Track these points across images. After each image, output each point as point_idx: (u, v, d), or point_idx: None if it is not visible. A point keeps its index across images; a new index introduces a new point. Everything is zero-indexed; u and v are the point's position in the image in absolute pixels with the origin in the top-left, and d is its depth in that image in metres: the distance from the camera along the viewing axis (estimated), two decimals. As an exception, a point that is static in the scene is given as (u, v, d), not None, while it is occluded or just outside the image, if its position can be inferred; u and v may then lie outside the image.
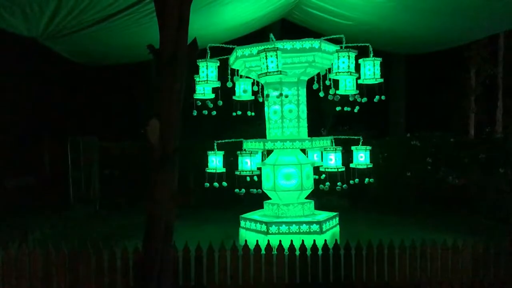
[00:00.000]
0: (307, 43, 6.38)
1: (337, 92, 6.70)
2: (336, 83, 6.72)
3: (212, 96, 7.09)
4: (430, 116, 15.78)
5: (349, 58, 6.10)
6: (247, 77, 7.32)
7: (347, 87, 6.84)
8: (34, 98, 12.40)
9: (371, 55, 6.59)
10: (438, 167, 10.33)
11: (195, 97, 7.02)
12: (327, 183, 6.73)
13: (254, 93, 7.03)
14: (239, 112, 7.36)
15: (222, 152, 6.93)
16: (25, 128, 11.95)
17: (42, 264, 5.06)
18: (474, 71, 15.28)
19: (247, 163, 6.46)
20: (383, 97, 6.52)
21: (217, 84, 6.82)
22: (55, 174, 11.45)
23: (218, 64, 6.82)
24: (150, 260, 4.36)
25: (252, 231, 6.85)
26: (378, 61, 6.56)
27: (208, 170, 6.84)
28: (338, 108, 6.93)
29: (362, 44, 6.45)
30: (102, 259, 5.10)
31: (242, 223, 7.11)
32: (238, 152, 6.61)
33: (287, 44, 6.38)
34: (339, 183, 6.59)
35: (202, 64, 6.71)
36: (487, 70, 15.06)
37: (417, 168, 10.32)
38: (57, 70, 12.33)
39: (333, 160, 6.64)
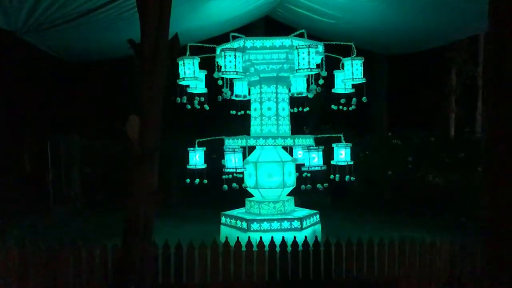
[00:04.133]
0: (277, 41, 6.42)
1: (333, 90, 6.77)
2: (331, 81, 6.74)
3: (205, 90, 7.04)
4: (412, 115, 15.96)
5: (309, 54, 6.08)
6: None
7: (343, 86, 6.91)
8: (14, 95, 12.17)
9: (354, 54, 6.62)
10: (418, 166, 10.45)
11: (188, 91, 6.93)
12: (308, 185, 6.75)
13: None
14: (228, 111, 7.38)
15: (203, 149, 6.90)
16: (4, 126, 11.71)
17: (19, 262, 4.97)
18: (455, 71, 15.49)
19: (231, 160, 6.46)
20: (364, 99, 6.56)
21: (194, 80, 6.73)
22: (35, 173, 11.26)
23: (199, 61, 6.74)
24: (130, 258, 4.32)
25: (233, 228, 6.85)
26: (360, 61, 6.59)
27: (188, 167, 6.83)
28: (334, 107, 6.95)
29: (346, 43, 6.49)
30: (81, 257, 5.04)
31: (223, 219, 7.11)
32: (225, 148, 6.60)
33: (257, 42, 6.39)
34: (318, 185, 6.62)
35: (187, 61, 6.61)
36: (468, 71, 15.28)
37: (398, 167, 10.43)
38: (38, 66, 12.12)
39: (315, 159, 6.66)
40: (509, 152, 3.06)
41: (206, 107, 7.05)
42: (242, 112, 7.48)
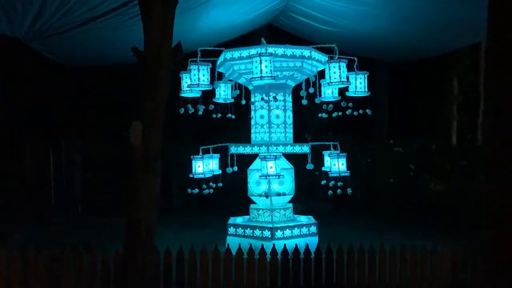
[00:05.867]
0: (297, 50, 6.46)
1: (322, 99, 6.81)
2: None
3: (198, 94, 6.95)
4: (413, 122, 15.98)
5: (340, 68, 6.21)
6: (230, 80, 7.28)
7: (330, 94, 6.97)
8: (16, 100, 12.22)
9: (356, 68, 6.71)
10: (420, 173, 10.45)
11: (181, 95, 6.86)
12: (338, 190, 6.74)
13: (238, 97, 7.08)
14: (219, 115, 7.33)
15: (217, 156, 6.91)
16: (5, 130, 11.76)
17: (21, 267, 4.99)
18: (457, 79, 15.53)
19: (199, 167, 6.51)
20: (368, 111, 6.62)
21: (209, 88, 6.62)
22: (37, 177, 11.28)
23: (210, 66, 6.64)
24: (131, 264, 4.35)
25: (239, 237, 6.82)
26: (364, 75, 6.69)
27: (195, 176, 6.70)
28: (334, 114, 6.97)
29: (350, 57, 6.55)
30: (82, 263, 5.05)
31: (230, 229, 7.06)
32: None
33: (279, 50, 6.43)
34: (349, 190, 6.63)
35: (193, 67, 6.49)
36: (469, 78, 15.32)
37: (400, 174, 10.43)
38: (40, 71, 12.19)
39: (342, 165, 6.62)
40: (508, 159, 3.07)
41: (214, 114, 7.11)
42: (233, 116, 7.45)
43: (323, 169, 6.80)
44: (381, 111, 14.28)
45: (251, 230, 6.76)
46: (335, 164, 6.62)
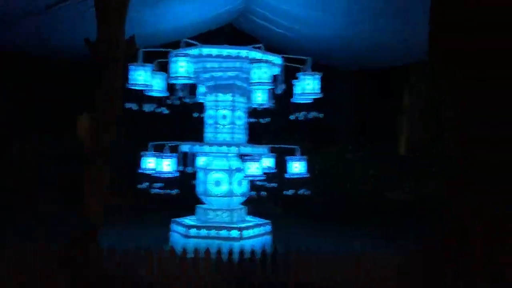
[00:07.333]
0: (234, 51, 6.48)
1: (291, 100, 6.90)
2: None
3: (166, 93, 6.96)
4: (374, 128, 16.22)
5: (262, 69, 6.22)
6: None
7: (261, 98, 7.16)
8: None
9: (310, 69, 6.77)
10: (378, 179, 10.58)
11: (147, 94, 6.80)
12: (263, 192, 6.86)
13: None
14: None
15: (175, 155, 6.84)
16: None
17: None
18: (408, 89, 15.98)
19: (150, 163, 6.51)
20: (321, 115, 6.73)
21: (147, 87, 6.60)
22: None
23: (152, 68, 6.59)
24: (77, 259, 4.28)
25: (178, 234, 6.83)
26: (313, 76, 6.72)
27: (145, 172, 6.68)
28: (292, 117, 7.00)
29: (302, 57, 6.66)
30: (25, 257, 4.91)
31: (172, 226, 7.06)
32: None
33: (214, 50, 6.46)
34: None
35: (139, 68, 6.39)
36: (421, 88, 15.79)
37: (358, 180, 10.52)
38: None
39: (298, 168, 6.77)
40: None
41: (165, 110, 7.04)
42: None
43: (286, 174, 6.89)
44: (342, 115, 14.49)
45: (216, 231, 6.61)
46: (294, 166, 6.79)
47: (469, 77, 3.53)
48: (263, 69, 6.19)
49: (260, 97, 7.44)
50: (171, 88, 6.97)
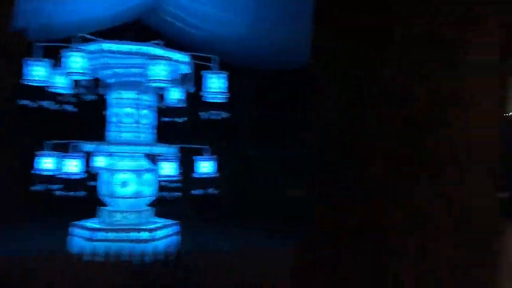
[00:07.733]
0: (135, 47, 6.41)
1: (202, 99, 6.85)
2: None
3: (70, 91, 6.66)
4: (276, 130, 16.64)
5: (160, 66, 6.19)
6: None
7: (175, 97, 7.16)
8: None
9: (217, 68, 6.79)
10: (279, 179, 10.93)
11: (54, 90, 6.52)
12: (176, 193, 6.76)
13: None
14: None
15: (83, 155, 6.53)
16: None
17: None
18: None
19: (45, 163, 6.34)
20: (225, 114, 6.81)
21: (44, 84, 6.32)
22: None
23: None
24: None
25: (80, 238, 6.51)
26: (223, 75, 6.75)
27: (42, 173, 6.35)
28: (204, 116, 7.00)
29: (208, 55, 6.65)
30: None
31: (72, 230, 6.70)
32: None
33: (114, 46, 6.33)
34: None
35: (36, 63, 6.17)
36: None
37: (258, 180, 10.81)
38: None
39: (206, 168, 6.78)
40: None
41: (69, 107, 6.71)
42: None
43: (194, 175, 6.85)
44: (245, 116, 14.64)
45: (126, 234, 6.41)
46: (202, 166, 6.86)
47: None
48: (161, 66, 6.09)
49: (174, 96, 7.33)
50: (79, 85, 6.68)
